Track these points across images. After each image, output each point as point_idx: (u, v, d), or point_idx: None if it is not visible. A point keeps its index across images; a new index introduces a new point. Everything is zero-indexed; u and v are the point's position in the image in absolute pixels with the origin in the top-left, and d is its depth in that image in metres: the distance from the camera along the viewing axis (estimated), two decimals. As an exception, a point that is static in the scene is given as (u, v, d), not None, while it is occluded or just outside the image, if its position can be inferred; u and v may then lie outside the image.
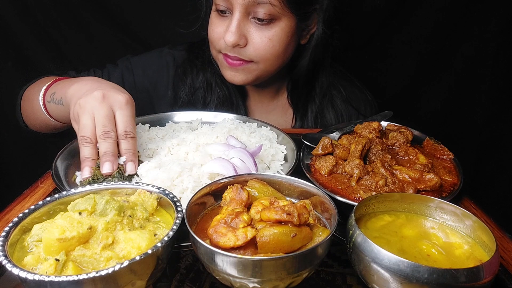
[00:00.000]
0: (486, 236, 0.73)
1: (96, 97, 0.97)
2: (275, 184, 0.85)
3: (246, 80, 1.37)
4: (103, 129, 0.95)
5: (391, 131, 1.18)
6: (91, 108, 0.96)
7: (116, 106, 0.98)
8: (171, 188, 0.93)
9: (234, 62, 1.32)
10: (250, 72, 1.35)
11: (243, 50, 1.29)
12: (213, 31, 1.33)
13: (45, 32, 1.80)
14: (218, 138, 1.13)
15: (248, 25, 1.27)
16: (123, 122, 0.98)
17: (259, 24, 1.26)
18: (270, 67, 1.36)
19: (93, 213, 0.71)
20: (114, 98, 0.99)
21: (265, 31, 1.27)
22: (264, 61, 1.32)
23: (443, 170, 1.04)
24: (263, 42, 1.28)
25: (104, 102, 0.97)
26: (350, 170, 1.00)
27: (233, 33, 1.24)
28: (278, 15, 1.25)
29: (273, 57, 1.32)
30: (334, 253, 0.83)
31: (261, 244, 0.67)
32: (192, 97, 1.50)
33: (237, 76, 1.36)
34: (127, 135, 0.98)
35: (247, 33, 1.27)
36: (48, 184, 1.05)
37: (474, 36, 1.85)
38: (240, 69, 1.34)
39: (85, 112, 0.97)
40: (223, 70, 1.39)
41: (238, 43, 1.26)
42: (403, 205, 0.82)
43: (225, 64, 1.36)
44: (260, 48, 1.28)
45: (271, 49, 1.29)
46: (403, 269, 0.64)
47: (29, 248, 0.69)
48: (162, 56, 1.52)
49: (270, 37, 1.28)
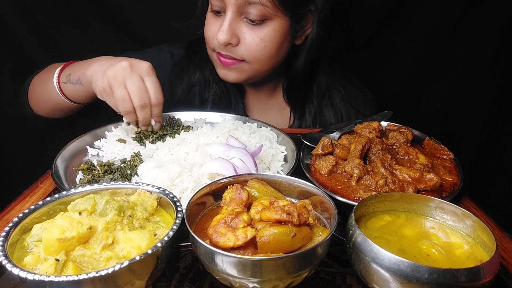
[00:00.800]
0: (486, 236, 0.72)
1: (124, 67, 1.07)
2: (275, 184, 0.85)
3: (239, 78, 1.38)
4: (140, 101, 1.09)
5: (391, 131, 1.18)
6: (122, 78, 1.07)
7: (144, 73, 1.10)
8: (171, 188, 0.93)
9: (227, 61, 1.33)
10: (243, 72, 1.36)
11: (235, 49, 1.30)
12: (208, 30, 1.34)
13: (45, 32, 1.80)
14: (218, 138, 1.13)
15: (240, 25, 1.28)
16: (153, 89, 1.11)
17: (251, 24, 1.27)
18: (262, 67, 1.36)
19: (93, 213, 0.71)
20: (140, 66, 1.10)
21: (257, 31, 1.27)
22: (256, 62, 1.33)
23: (443, 170, 1.04)
24: (255, 42, 1.28)
25: (133, 72, 1.08)
26: (350, 170, 1.00)
27: (224, 32, 1.25)
28: (270, 15, 1.25)
29: (265, 57, 1.32)
30: (334, 253, 0.83)
31: (261, 244, 0.67)
32: (188, 94, 1.51)
33: (229, 74, 1.38)
34: (158, 101, 1.12)
35: (239, 32, 1.28)
36: (48, 184, 1.05)
37: (474, 36, 1.84)
38: (233, 68, 1.35)
39: (117, 83, 1.07)
40: (217, 68, 1.41)
41: (230, 41, 1.27)
42: (403, 205, 0.82)
43: (218, 63, 1.37)
44: (251, 48, 1.29)
45: (263, 49, 1.30)
46: (403, 269, 0.64)
47: (29, 248, 0.69)
48: (160, 53, 1.53)
49: (262, 37, 1.28)
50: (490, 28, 1.82)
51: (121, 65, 1.08)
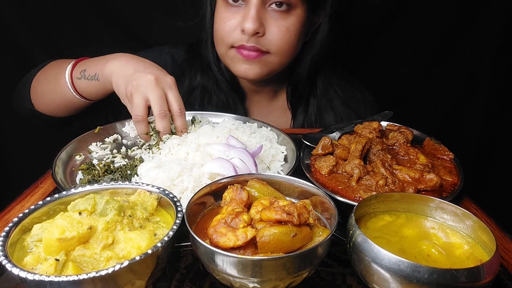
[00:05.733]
0: (486, 236, 0.72)
1: (150, 81, 1.11)
2: (275, 184, 0.85)
3: (260, 73, 1.35)
4: (160, 110, 1.11)
5: (391, 131, 1.18)
6: (144, 90, 1.10)
7: (167, 87, 1.14)
8: (171, 188, 0.93)
9: (251, 53, 1.30)
10: (266, 65, 1.34)
11: (261, 39, 1.28)
12: (225, 24, 1.30)
13: (45, 31, 1.80)
14: (219, 138, 1.13)
15: (266, 14, 1.26)
16: (176, 101, 1.14)
17: (277, 12, 1.26)
18: (285, 58, 1.35)
19: (93, 213, 0.71)
20: (165, 80, 1.14)
21: (283, 21, 1.27)
22: (280, 53, 1.32)
23: (443, 170, 1.04)
24: (282, 32, 1.28)
25: (157, 85, 1.11)
26: (350, 170, 1.00)
27: (253, 19, 1.23)
28: (294, 2, 1.26)
29: (289, 47, 1.32)
30: (334, 253, 0.83)
31: (261, 244, 0.67)
32: (189, 97, 1.50)
33: (251, 69, 1.34)
34: (182, 112, 1.15)
35: (265, 22, 1.26)
36: (48, 184, 1.05)
37: (474, 36, 1.85)
38: (256, 61, 1.32)
39: (138, 92, 1.11)
40: (236, 66, 1.36)
41: (258, 30, 1.25)
42: (403, 205, 0.82)
43: (239, 58, 1.32)
44: (278, 37, 1.28)
45: (288, 39, 1.30)
46: (403, 269, 0.64)
47: (29, 248, 0.69)
48: (161, 55, 1.52)
49: (288, 27, 1.28)
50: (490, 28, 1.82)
51: (147, 79, 1.11)
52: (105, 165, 1.06)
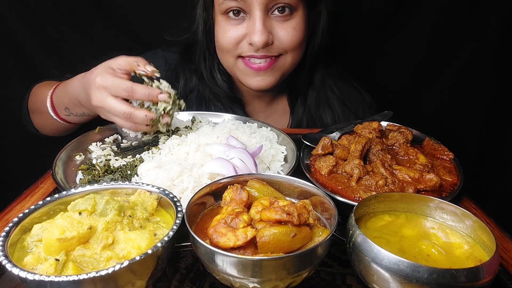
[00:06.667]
0: (486, 236, 0.73)
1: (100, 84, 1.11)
2: (275, 184, 0.85)
3: (274, 81, 1.36)
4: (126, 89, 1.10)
5: (391, 131, 1.18)
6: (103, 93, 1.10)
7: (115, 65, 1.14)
8: (171, 188, 0.93)
9: (262, 65, 1.31)
10: (278, 69, 1.35)
11: (271, 47, 1.29)
12: (229, 37, 1.29)
13: (45, 32, 1.80)
14: (219, 139, 1.13)
15: (271, 22, 1.27)
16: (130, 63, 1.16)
17: (281, 16, 1.27)
18: (296, 56, 1.37)
19: (93, 213, 0.71)
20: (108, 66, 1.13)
21: (287, 23, 1.29)
22: (291, 51, 1.33)
23: (443, 170, 1.04)
24: (289, 33, 1.29)
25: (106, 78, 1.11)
26: (350, 170, 1.00)
27: (261, 32, 1.23)
28: (296, 4, 1.27)
29: (299, 45, 1.34)
30: (334, 253, 0.83)
31: (261, 244, 0.67)
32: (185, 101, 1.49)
33: (264, 80, 1.34)
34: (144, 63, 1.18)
35: (272, 30, 1.27)
36: (48, 184, 1.05)
37: (474, 36, 1.84)
38: (269, 70, 1.33)
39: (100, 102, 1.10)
40: (248, 79, 1.36)
41: (267, 41, 1.25)
42: (403, 205, 0.82)
43: (249, 71, 1.33)
44: (288, 39, 1.29)
45: (297, 37, 1.31)
46: (403, 269, 0.64)
47: (29, 248, 0.69)
48: (154, 58, 1.50)
49: (294, 26, 1.29)
50: (490, 28, 1.82)
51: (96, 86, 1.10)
52: (105, 165, 1.06)
